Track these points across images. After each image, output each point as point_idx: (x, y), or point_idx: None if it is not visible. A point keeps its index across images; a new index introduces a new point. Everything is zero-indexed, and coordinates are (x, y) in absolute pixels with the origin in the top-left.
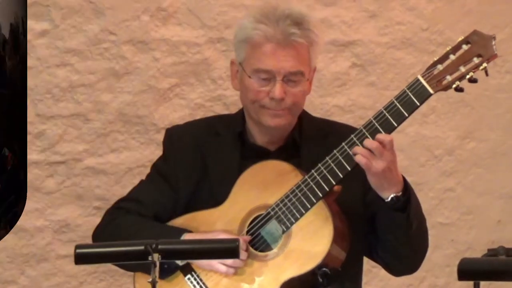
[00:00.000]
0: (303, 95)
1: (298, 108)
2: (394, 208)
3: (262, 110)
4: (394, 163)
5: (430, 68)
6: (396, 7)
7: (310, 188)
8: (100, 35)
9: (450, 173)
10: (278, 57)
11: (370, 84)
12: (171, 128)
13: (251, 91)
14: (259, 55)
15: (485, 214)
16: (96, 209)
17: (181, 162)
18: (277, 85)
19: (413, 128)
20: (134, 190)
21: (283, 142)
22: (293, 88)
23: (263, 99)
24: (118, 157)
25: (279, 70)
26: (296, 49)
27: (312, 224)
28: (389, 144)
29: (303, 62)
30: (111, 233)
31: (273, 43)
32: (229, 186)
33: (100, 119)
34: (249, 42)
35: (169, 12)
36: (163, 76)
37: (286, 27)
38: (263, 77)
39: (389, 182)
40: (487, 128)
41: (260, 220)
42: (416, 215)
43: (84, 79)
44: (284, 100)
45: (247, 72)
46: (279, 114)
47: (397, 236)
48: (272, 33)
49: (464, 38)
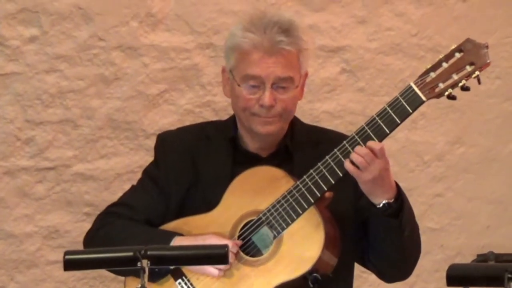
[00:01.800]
0: (293, 102)
1: (288, 114)
2: (386, 214)
3: (252, 118)
4: (387, 170)
5: (423, 75)
6: (385, 13)
7: (301, 194)
8: (89, 41)
9: (440, 178)
10: (266, 64)
11: (359, 90)
12: (162, 133)
13: (241, 99)
14: (248, 63)
15: (475, 219)
16: (86, 215)
17: (172, 167)
18: (266, 92)
19: (403, 133)
20: (125, 196)
21: (275, 148)
22: (283, 95)
23: (253, 107)
24: (107, 163)
25: (267, 76)
26: (284, 57)
27: (303, 229)
28: (379, 152)
29: (292, 68)
30: (102, 238)
31: (261, 51)
32: (221, 191)
33: (89, 125)
34: (237, 50)
35: (158, 18)
36: (152, 82)
37: (274, 35)
38: (252, 84)
39: (380, 189)
40: (476, 133)
41: (251, 225)
42: (409, 221)
43: (73, 85)
44: (274, 107)
45: (236, 80)
46: (270, 121)
47: (389, 242)
48: (260, 41)
49: (457, 46)
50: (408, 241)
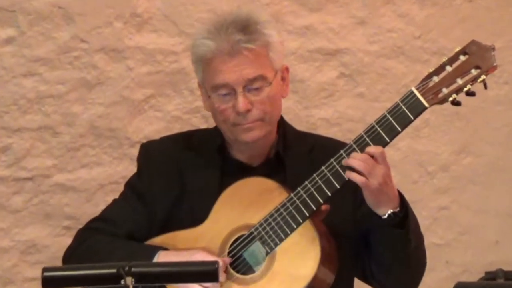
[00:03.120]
0: (272, 101)
1: (271, 115)
2: (392, 225)
3: (234, 129)
4: (389, 176)
5: (425, 80)
6: (387, 14)
7: (296, 207)
8: (70, 42)
9: (445, 190)
10: (230, 69)
11: (358, 96)
12: (146, 143)
13: (217, 111)
14: (212, 72)
15: (482, 234)
16: (66, 228)
17: (157, 179)
18: (239, 98)
19: (405, 142)
20: (107, 210)
21: (266, 157)
22: (257, 96)
23: (231, 116)
24: (89, 173)
25: (235, 81)
26: (247, 56)
27: (298, 245)
28: (380, 156)
29: (261, 66)
30: (83, 254)
31: (223, 56)
32: (209, 204)
33: (70, 132)
34: (201, 61)
35: (144, 18)
36: (137, 87)
37: (230, 36)
38: (223, 93)
39: (386, 197)
40: (483, 142)
41: (242, 241)
42: (415, 231)
43: (53, 89)
44: (251, 111)
45: (208, 92)
46: (252, 127)
47: (395, 254)
48: (217, 46)
49: (461, 48)
50: (415, 253)
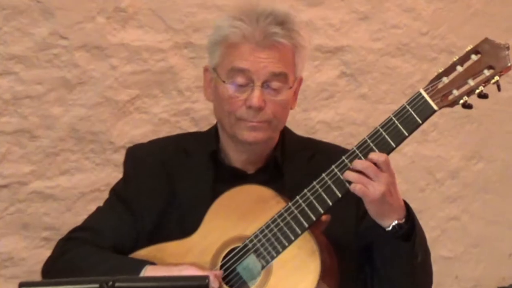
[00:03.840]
0: (285, 106)
1: (279, 121)
2: (397, 237)
3: (238, 123)
4: (394, 185)
5: (434, 81)
6: (391, 8)
7: (294, 217)
8: (49, 39)
9: (454, 199)
10: (257, 59)
11: (361, 97)
12: (133, 146)
13: (225, 100)
14: (235, 55)
15: (495, 246)
16: (44, 240)
17: (144, 186)
18: (255, 91)
19: (412, 147)
20: (90, 218)
21: (263, 163)
22: (274, 97)
23: (239, 109)
24: (69, 180)
25: (258, 72)
26: (278, 51)
27: (296, 258)
28: (383, 164)
29: (287, 65)
30: (63, 268)
31: (252, 44)
32: (201, 214)
33: (49, 136)
34: (224, 43)
35: (129, 13)
36: (122, 87)
37: (267, 26)
38: (239, 82)
39: (390, 207)
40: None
41: (236, 253)
42: (422, 244)
43: (30, 90)
44: (263, 109)
45: (221, 76)
46: (257, 126)
47: (400, 268)
48: (251, 31)
49: (473, 47)
50: (421, 268)
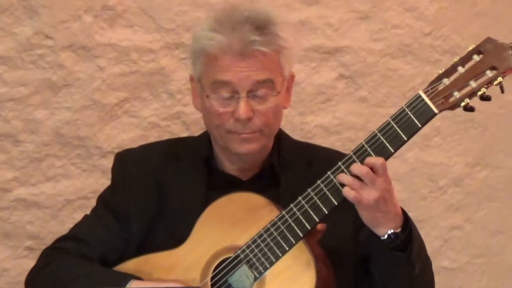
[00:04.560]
0: (275, 112)
1: (271, 128)
2: (392, 247)
3: (228, 136)
4: (390, 192)
5: (435, 82)
6: (393, 7)
7: (288, 226)
8: (33, 39)
9: (458, 207)
10: (238, 69)
11: (360, 100)
12: (121, 152)
13: (212, 114)
14: (216, 68)
15: (500, 257)
16: (28, 249)
17: (133, 193)
18: (241, 103)
19: (413, 153)
20: (77, 227)
21: (258, 170)
22: (262, 105)
23: (228, 122)
24: (55, 187)
25: (241, 83)
26: (260, 58)
27: (291, 269)
28: (381, 168)
29: (272, 70)
30: (46, 279)
31: (231, 55)
32: (191, 222)
33: (33, 140)
34: (204, 55)
35: (117, 11)
36: (109, 89)
37: (245, 33)
38: (224, 95)
39: (384, 216)
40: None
41: (227, 264)
42: (420, 255)
43: (13, 92)
44: (251, 120)
45: (205, 90)
46: (249, 138)
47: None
48: (228, 42)
49: (475, 47)
50: (420, 279)
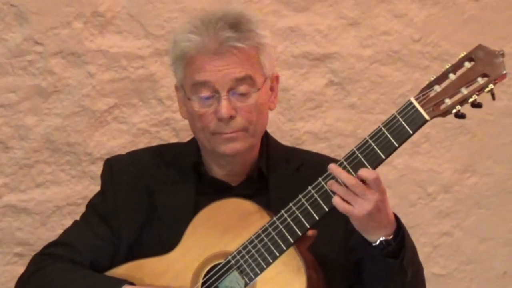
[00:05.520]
0: (258, 109)
1: (256, 126)
2: (384, 254)
3: (214, 138)
4: (384, 202)
5: (426, 89)
6: (382, 14)
7: (279, 233)
8: (23, 45)
9: (447, 214)
10: (215, 68)
11: (349, 106)
12: (111, 158)
13: (196, 117)
14: (194, 69)
15: (489, 263)
16: (18, 256)
17: (123, 199)
18: (221, 102)
19: (402, 159)
20: (66, 233)
21: (247, 175)
22: (244, 102)
23: (211, 123)
24: (44, 193)
25: (219, 81)
26: (237, 55)
27: (281, 275)
28: (373, 182)
29: (251, 66)
30: (38, 285)
31: (207, 54)
32: (181, 228)
33: (23, 147)
34: (182, 59)
35: (107, 18)
36: (99, 96)
37: (219, 32)
38: (204, 95)
39: (376, 224)
40: (491, 160)
41: (218, 270)
42: (412, 262)
43: (3, 98)
44: (234, 118)
45: (187, 93)
46: (233, 137)
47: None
48: (204, 42)
49: (466, 54)
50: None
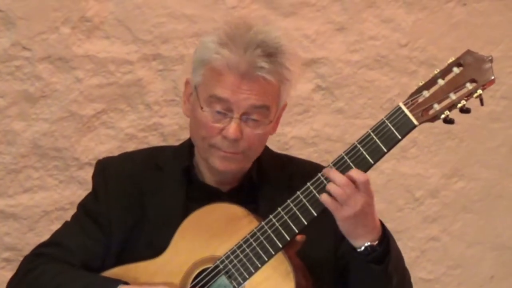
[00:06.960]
0: (262, 139)
1: (254, 152)
2: (369, 260)
3: (211, 150)
4: (370, 206)
5: (414, 94)
6: (369, 19)
7: (267, 237)
8: (10, 50)
9: (434, 218)
10: (239, 90)
11: (337, 111)
12: (103, 159)
13: (202, 126)
14: (217, 83)
15: (476, 268)
16: (5, 261)
17: (114, 200)
18: (232, 123)
19: (390, 164)
20: (57, 233)
21: (238, 182)
22: (253, 129)
23: (215, 137)
24: (32, 198)
25: (238, 103)
26: (262, 85)
27: (270, 280)
28: (363, 185)
29: (271, 98)
30: (29, 286)
31: (235, 74)
32: (171, 232)
33: (11, 152)
34: (207, 66)
35: (95, 23)
36: (87, 101)
37: (255, 58)
38: (218, 109)
39: (362, 228)
40: (478, 164)
41: (206, 275)
42: (397, 268)
43: None
44: (238, 142)
45: (200, 101)
46: (230, 157)
47: None
48: (236, 61)
49: (455, 59)
50: None
